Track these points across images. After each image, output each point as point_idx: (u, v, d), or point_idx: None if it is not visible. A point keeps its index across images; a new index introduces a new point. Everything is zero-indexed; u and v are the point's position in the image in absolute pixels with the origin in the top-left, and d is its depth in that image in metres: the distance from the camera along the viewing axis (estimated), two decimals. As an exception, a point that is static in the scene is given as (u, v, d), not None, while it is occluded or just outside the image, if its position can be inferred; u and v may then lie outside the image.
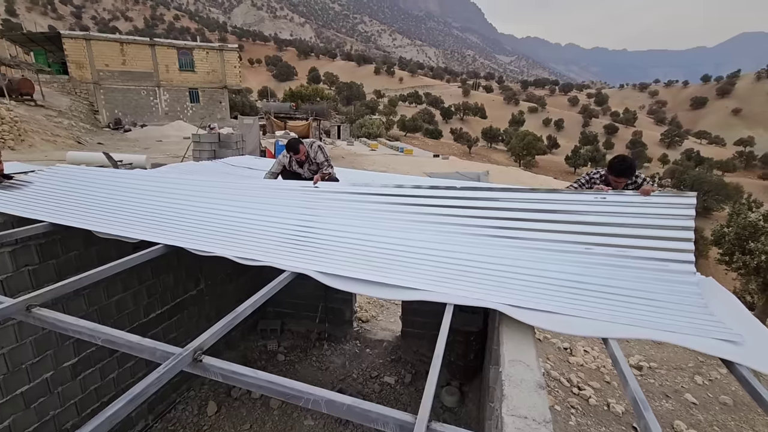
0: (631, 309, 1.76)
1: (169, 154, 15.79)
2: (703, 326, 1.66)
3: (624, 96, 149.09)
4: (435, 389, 1.35)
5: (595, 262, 2.26)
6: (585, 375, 5.73)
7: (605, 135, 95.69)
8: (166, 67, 29.75)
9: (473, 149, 66.23)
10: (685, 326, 1.66)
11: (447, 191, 3.05)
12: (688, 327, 1.65)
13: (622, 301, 1.81)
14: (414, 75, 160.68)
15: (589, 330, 1.60)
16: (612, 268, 2.17)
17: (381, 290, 2.05)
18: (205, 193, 3.59)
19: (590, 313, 1.70)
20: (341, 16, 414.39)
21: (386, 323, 6.71)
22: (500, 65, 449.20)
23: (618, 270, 2.15)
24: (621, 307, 1.76)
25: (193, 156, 9.71)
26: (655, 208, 2.49)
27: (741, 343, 1.58)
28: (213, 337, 1.54)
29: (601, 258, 2.27)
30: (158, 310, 4.40)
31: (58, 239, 3.33)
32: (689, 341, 1.58)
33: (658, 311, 1.75)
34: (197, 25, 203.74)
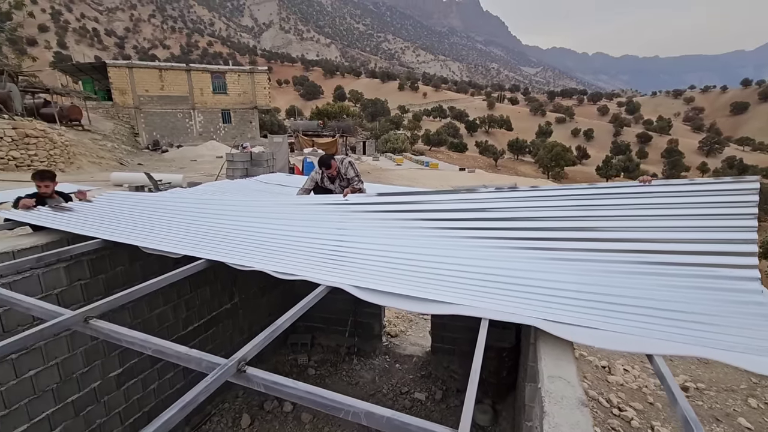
0: (681, 324, 1.69)
1: (203, 173, 16.45)
2: (762, 343, 1.58)
3: (657, 103, 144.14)
4: (462, 408, 1.35)
5: (638, 272, 2.18)
6: (626, 395, 5.46)
7: (638, 144, 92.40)
8: (201, 91, 31.27)
9: (499, 162, 65.46)
10: (742, 343, 1.58)
11: (477, 196, 3.05)
12: (744, 344, 1.58)
13: (669, 317, 1.75)
14: (438, 89, 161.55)
15: (633, 346, 1.56)
16: (657, 277, 2.09)
17: (415, 304, 2.07)
18: (241, 210, 3.74)
19: (634, 329, 1.65)
20: (365, 36, 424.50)
21: (415, 338, 6.65)
22: (525, 77, 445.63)
23: (665, 281, 2.07)
24: (668, 323, 1.70)
25: (227, 174, 10.10)
26: (708, 196, 2.32)
27: None
28: (255, 348, 1.59)
29: (645, 269, 2.19)
30: (195, 323, 4.56)
31: (107, 255, 3.54)
32: (746, 361, 1.50)
33: (711, 327, 1.68)
34: (229, 49, 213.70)
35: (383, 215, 3.39)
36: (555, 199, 2.83)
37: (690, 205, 2.31)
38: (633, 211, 2.44)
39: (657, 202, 2.40)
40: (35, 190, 3.95)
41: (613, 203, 2.57)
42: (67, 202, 4.07)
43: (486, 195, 3.02)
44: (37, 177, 3.89)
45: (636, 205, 2.46)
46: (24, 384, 2.96)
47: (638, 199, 2.47)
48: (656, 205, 2.40)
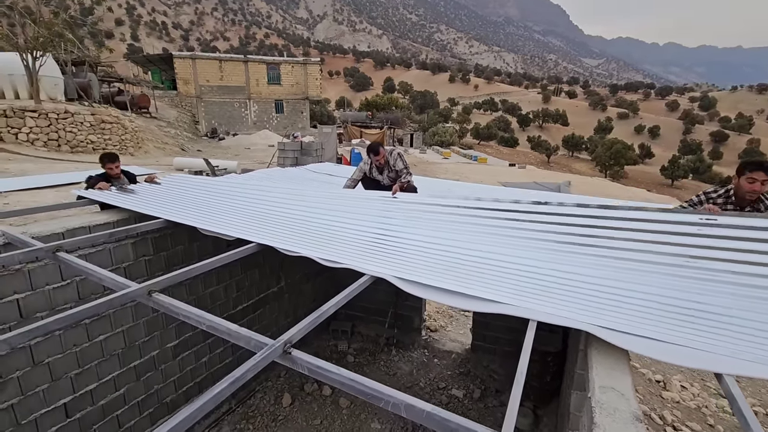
0: (755, 343, 1.53)
1: (256, 160, 17.16)
2: None
3: (737, 99, 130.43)
4: (502, 408, 1.30)
5: (706, 279, 2.00)
6: (682, 414, 5.07)
7: (712, 143, 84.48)
8: (257, 81, 32.52)
9: (552, 158, 62.60)
10: None
11: (532, 206, 2.93)
12: None
13: (743, 332, 1.58)
14: (490, 82, 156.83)
15: (701, 362, 1.43)
16: (730, 286, 1.90)
17: (459, 300, 2.03)
18: (290, 197, 3.85)
19: (701, 343, 1.51)
20: (418, 26, 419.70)
21: (455, 334, 6.58)
22: (586, 69, 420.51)
23: (739, 292, 1.88)
24: (742, 340, 1.54)
25: (278, 162, 10.46)
26: None
27: None
28: (301, 332, 1.64)
29: (715, 276, 2.00)
30: (244, 304, 4.80)
31: (169, 234, 3.80)
32: None
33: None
34: (284, 41, 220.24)
35: (429, 206, 3.36)
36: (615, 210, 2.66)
37: None
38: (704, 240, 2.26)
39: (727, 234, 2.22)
40: (102, 171, 4.25)
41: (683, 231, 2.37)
42: (132, 183, 4.41)
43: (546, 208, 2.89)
44: (106, 159, 4.17)
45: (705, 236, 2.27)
46: (95, 347, 3.27)
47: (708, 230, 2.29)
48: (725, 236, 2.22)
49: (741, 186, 2.67)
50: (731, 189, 2.80)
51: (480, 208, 3.12)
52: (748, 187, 2.60)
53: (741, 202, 2.75)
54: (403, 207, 3.43)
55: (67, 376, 3.11)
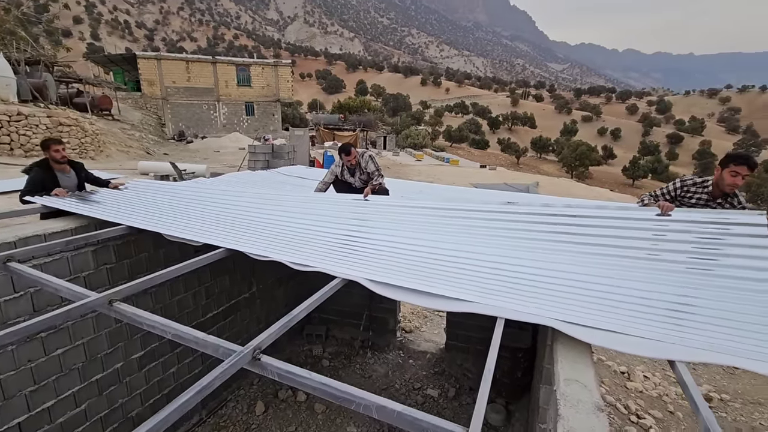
0: (706, 331, 1.63)
1: (226, 163, 16.76)
2: None
3: (690, 103, 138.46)
4: (475, 406, 1.33)
5: (662, 277, 2.10)
6: (645, 402, 5.31)
7: (668, 145, 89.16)
8: (226, 83, 31.79)
9: (522, 160, 64.33)
10: None
11: (500, 206, 3.02)
12: None
13: (695, 321, 1.68)
14: (461, 85, 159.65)
15: (656, 352, 1.51)
16: (682, 284, 2.01)
17: (430, 300, 2.06)
18: (261, 202, 3.79)
19: (657, 333, 1.60)
20: (389, 30, 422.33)
21: (430, 334, 6.64)
22: (552, 73, 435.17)
23: (689, 285, 1.99)
24: (694, 329, 1.64)
25: (249, 166, 10.27)
26: (725, 228, 2.28)
27: None
28: (270, 337, 1.62)
29: (669, 272, 2.11)
30: (214, 311, 4.67)
31: (132, 241, 3.65)
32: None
33: (739, 334, 1.60)
34: (254, 42, 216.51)
35: (401, 208, 3.38)
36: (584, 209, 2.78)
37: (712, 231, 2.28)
38: None
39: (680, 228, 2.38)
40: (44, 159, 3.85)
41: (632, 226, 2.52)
42: (103, 186, 4.23)
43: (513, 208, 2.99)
44: (51, 142, 3.82)
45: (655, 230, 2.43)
46: (52, 362, 3.10)
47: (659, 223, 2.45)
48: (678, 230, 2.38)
49: (723, 177, 2.73)
50: (709, 180, 2.89)
51: (450, 209, 3.17)
52: (730, 179, 2.67)
53: (716, 192, 2.82)
54: (375, 209, 3.44)
55: (22, 393, 2.93)
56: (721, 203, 2.86)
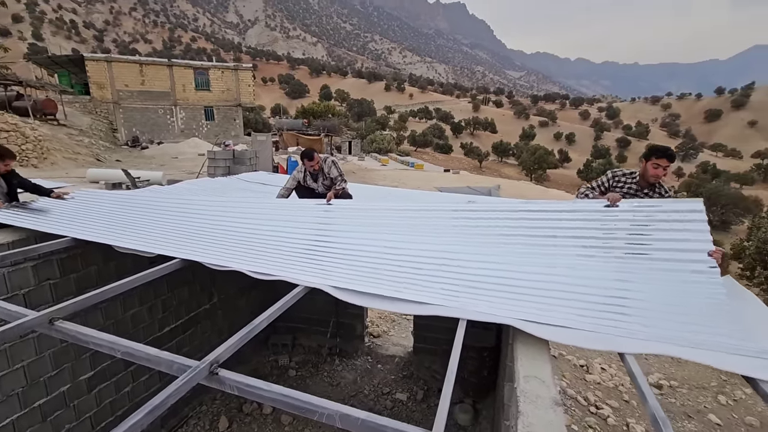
0: (650, 322, 1.73)
1: (184, 170, 16.12)
2: (728, 340, 1.62)
3: (636, 109, 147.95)
4: (449, 406, 1.35)
5: (608, 272, 2.21)
6: (603, 393, 5.57)
7: (618, 148, 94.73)
8: (183, 87, 30.66)
9: (484, 163, 66.18)
10: (708, 340, 1.62)
11: (462, 205, 3.08)
12: (711, 341, 1.62)
13: (639, 314, 1.78)
14: (424, 91, 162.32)
15: (605, 344, 1.58)
16: (626, 280, 2.13)
17: (393, 304, 2.06)
18: (220, 209, 3.67)
19: (606, 327, 1.68)
20: (352, 35, 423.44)
21: (398, 338, 6.65)
22: (510, 80, 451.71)
23: (633, 278, 2.11)
24: (639, 320, 1.73)
25: (208, 172, 9.92)
26: (666, 214, 2.45)
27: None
28: (229, 350, 1.56)
29: (615, 267, 2.23)
30: (172, 324, 4.46)
31: (79, 254, 3.42)
32: (712, 358, 1.54)
33: (680, 324, 1.71)
34: (213, 45, 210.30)
35: (365, 211, 3.37)
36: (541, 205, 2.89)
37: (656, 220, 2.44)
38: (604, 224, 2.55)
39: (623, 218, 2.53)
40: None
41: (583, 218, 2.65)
42: (45, 196, 3.91)
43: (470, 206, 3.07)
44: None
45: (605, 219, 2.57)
46: (-13, 388, 2.84)
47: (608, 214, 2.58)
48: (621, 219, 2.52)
49: (647, 170, 2.98)
50: (636, 172, 3.14)
51: (413, 209, 3.20)
52: (653, 171, 2.92)
53: (642, 183, 3.08)
54: (339, 213, 3.41)
55: (-49, 425, 2.66)
56: (648, 193, 3.10)
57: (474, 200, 3.28)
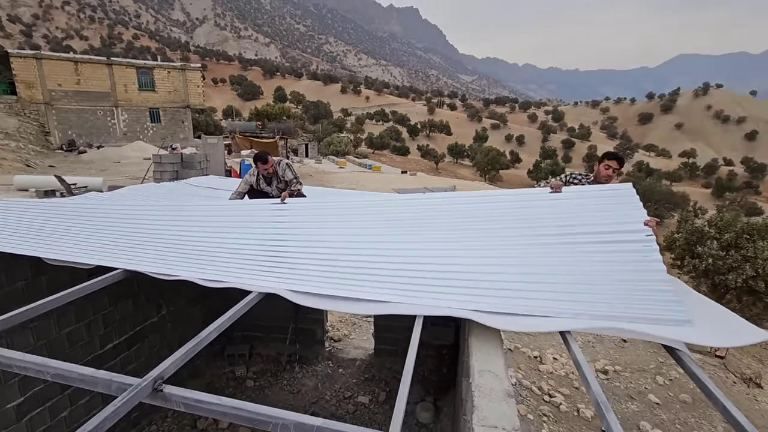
0: (591, 300, 1.84)
1: (128, 176, 15.17)
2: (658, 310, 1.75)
3: (579, 113, 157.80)
4: (408, 406, 1.35)
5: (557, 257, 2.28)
6: (555, 382, 5.85)
7: (563, 149, 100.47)
8: (125, 87, 28.82)
9: (440, 165, 67.65)
10: (647, 316, 1.74)
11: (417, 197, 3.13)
12: (643, 312, 1.75)
13: (582, 298, 1.89)
14: (380, 93, 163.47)
15: (549, 326, 1.66)
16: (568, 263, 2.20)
17: (351, 306, 2.04)
18: (166, 215, 3.47)
19: (551, 309, 1.77)
20: (306, 37, 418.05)
21: (359, 341, 6.62)
22: (462, 84, 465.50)
23: (577, 260, 2.20)
24: (580, 297, 1.84)
25: (154, 177, 9.39)
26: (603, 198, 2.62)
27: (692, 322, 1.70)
28: (174, 365, 1.47)
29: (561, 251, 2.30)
30: (116, 340, 4.15)
31: (3, 269, 3.10)
32: (654, 331, 1.66)
33: (624, 299, 1.83)
34: (158, 44, 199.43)
35: (322, 211, 3.31)
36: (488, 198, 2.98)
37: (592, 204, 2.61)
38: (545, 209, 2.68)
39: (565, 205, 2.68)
40: None
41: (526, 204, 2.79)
42: None
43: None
44: None
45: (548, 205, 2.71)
46: None
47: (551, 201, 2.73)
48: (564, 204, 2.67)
49: (599, 171, 3.45)
50: (591, 174, 3.61)
51: (369, 203, 3.20)
52: (604, 172, 3.41)
53: (595, 185, 3.48)
54: (295, 212, 3.32)
55: None
56: None
57: (429, 194, 3.33)
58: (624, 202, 2.52)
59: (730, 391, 6.20)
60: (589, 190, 2.74)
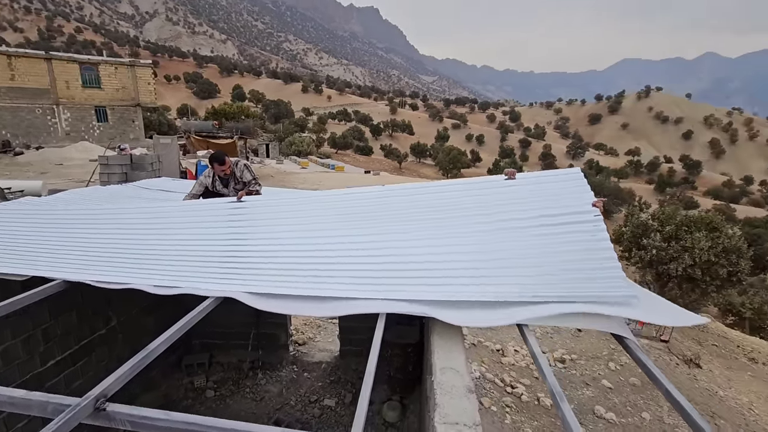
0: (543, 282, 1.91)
1: (72, 178, 14.18)
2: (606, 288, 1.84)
3: (534, 113, 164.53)
4: (374, 405, 1.33)
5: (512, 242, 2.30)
6: (516, 373, 6.05)
7: (521, 148, 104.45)
8: (67, 84, 26.88)
9: (403, 164, 68.30)
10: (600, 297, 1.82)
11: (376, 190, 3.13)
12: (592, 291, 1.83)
13: (536, 275, 1.96)
14: (342, 93, 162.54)
15: (506, 319, 1.71)
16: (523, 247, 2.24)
17: (311, 308, 2.00)
18: (113, 218, 3.25)
19: (504, 293, 1.82)
20: (265, 34, 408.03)
21: (324, 344, 6.54)
22: (423, 84, 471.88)
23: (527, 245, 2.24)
24: (534, 282, 1.91)
25: (101, 180, 8.81)
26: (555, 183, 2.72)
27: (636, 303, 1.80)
28: (119, 381, 1.37)
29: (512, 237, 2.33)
30: (58, 357, 3.85)
31: None
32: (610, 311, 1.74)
33: (577, 281, 1.90)
34: (104, 38, 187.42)
35: (281, 207, 3.22)
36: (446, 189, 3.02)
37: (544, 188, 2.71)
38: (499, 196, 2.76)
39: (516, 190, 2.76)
40: None
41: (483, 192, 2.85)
42: None
43: None
44: None
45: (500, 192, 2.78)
46: None
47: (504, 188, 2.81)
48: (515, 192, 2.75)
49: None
50: None
51: (328, 196, 3.16)
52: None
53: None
54: (253, 210, 3.20)
55: None
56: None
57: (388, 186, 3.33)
58: (573, 185, 2.60)
59: (673, 373, 6.67)
60: (542, 175, 2.83)
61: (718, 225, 12.06)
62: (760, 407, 6.54)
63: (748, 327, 15.50)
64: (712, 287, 11.96)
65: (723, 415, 5.82)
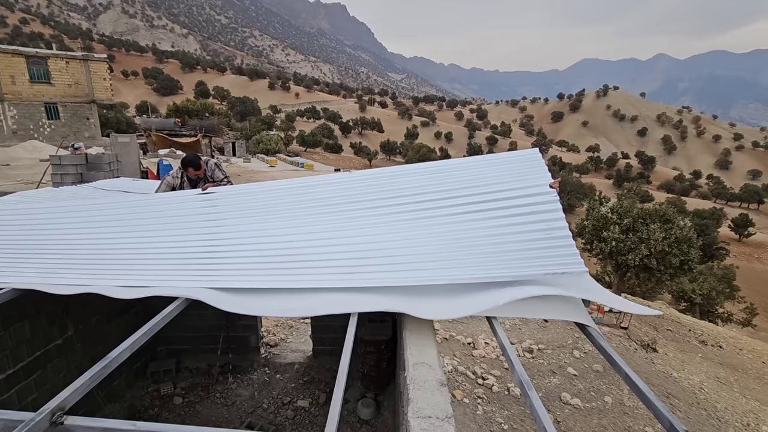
0: (505, 263, 1.97)
1: (20, 180, 13.27)
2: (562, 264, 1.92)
3: (500, 111, 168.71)
4: (349, 404, 1.33)
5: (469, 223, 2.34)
6: (487, 365, 6.21)
7: (488, 146, 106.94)
8: (12, 78, 25.11)
9: (373, 162, 68.31)
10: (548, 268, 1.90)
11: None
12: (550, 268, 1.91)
13: (500, 252, 2.02)
14: (310, 90, 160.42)
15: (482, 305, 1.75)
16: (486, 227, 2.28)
17: (282, 308, 1.97)
18: (64, 218, 3.07)
19: (469, 276, 1.87)
20: (229, 29, 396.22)
21: (296, 344, 6.46)
22: (392, 82, 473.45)
23: (489, 225, 2.28)
24: (496, 263, 1.97)
25: (53, 181, 8.29)
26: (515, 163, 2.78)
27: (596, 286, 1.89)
28: (78, 392, 1.30)
29: (475, 218, 2.36)
30: (9, 370, 3.60)
31: None
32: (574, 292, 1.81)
33: (542, 263, 1.96)
34: (53, 30, 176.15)
35: (255, 197, 3.13)
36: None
37: (504, 169, 2.75)
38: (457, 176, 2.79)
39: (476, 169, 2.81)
40: None
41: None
42: None
43: None
44: None
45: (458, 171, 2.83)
46: None
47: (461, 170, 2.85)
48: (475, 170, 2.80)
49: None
50: None
51: (302, 185, 3.13)
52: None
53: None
54: (225, 201, 3.09)
55: None
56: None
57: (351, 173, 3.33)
58: (532, 165, 2.67)
59: (632, 358, 7.05)
60: (502, 156, 2.88)
61: (671, 217, 12.83)
62: (710, 386, 7.03)
63: (699, 312, 16.59)
64: (666, 276, 12.71)
65: (677, 395, 6.21)
